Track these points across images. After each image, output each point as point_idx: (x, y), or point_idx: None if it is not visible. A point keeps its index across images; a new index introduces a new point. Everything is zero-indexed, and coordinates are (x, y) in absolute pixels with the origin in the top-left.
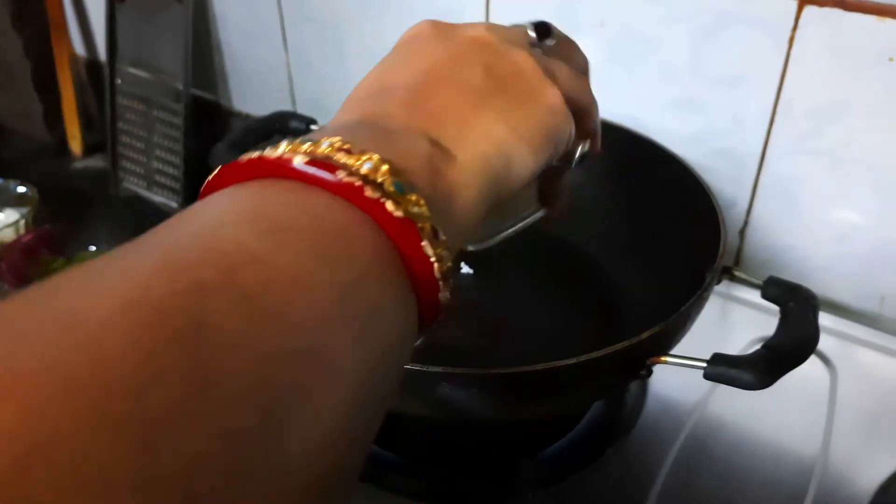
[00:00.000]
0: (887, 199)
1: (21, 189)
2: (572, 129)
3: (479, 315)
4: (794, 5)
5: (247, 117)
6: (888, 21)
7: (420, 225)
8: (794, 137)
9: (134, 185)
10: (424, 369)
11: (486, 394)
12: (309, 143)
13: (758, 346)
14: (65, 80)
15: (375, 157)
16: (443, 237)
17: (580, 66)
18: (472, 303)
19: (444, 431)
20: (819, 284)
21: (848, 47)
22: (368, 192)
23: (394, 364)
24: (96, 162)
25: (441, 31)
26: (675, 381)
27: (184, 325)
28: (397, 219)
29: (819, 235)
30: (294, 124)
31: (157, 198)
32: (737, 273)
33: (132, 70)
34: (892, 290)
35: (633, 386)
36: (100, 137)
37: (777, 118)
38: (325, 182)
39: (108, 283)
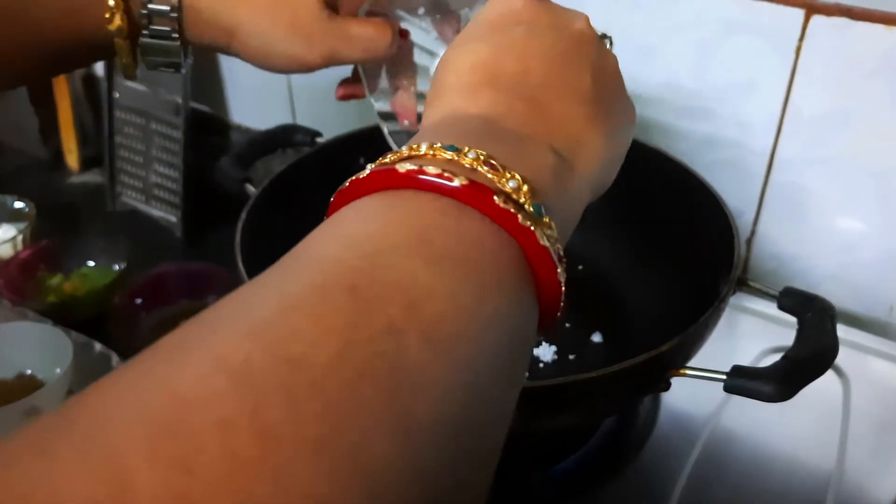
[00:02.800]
0: (894, 208)
1: (18, 204)
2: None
3: None
4: (801, 14)
5: (247, 130)
6: (895, 30)
7: (555, 247)
8: (801, 146)
9: (132, 199)
10: None
11: None
12: (453, 153)
13: (769, 357)
14: (61, 94)
15: (518, 177)
16: (563, 257)
17: None
18: None
19: None
20: (827, 293)
21: (855, 56)
22: (521, 220)
23: (521, 380)
24: (93, 176)
25: (543, 14)
26: (687, 393)
27: (387, 372)
28: (541, 247)
29: (826, 244)
30: (299, 137)
31: (156, 212)
32: (752, 283)
33: (130, 84)
34: None
35: (647, 399)
36: (96, 152)
37: (784, 127)
38: (482, 206)
39: (318, 320)
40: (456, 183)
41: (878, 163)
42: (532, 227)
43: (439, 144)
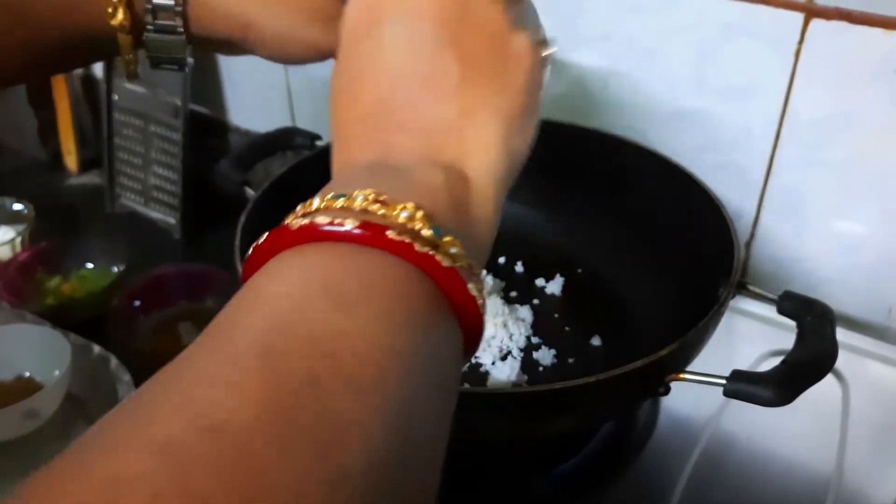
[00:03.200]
0: (893, 211)
1: (17, 206)
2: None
3: None
4: (800, 18)
5: (246, 132)
6: (894, 33)
7: (459, 264)
8: (800, 149)
9: (131, 201)
10: None
11: (504, 412)
12: (343, 199)
13: (768, 361)
14: (60, 95)
15: (410, 205)
16: (476, 269)
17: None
18: None
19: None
20: (826, 297)
21: (854, 60)
22: (418, 247)
23: (453, 403)
24: (92, 178)
25: (388, 5)
26: (686, 397)
27: (311, 423)
28: (445, 268)
29: (826, 247)
30: (299, 140)
31: (155, 214)
32: (751, 287)
33: (129, 86)
34: None
35: (646, 403)
36: (95, 153)
37: (783, 130)
38: (376, 242)
39: (235, 387)
40: (348, 226)
41: (878, 166)
42: (430, 252)
43: (330, 195)
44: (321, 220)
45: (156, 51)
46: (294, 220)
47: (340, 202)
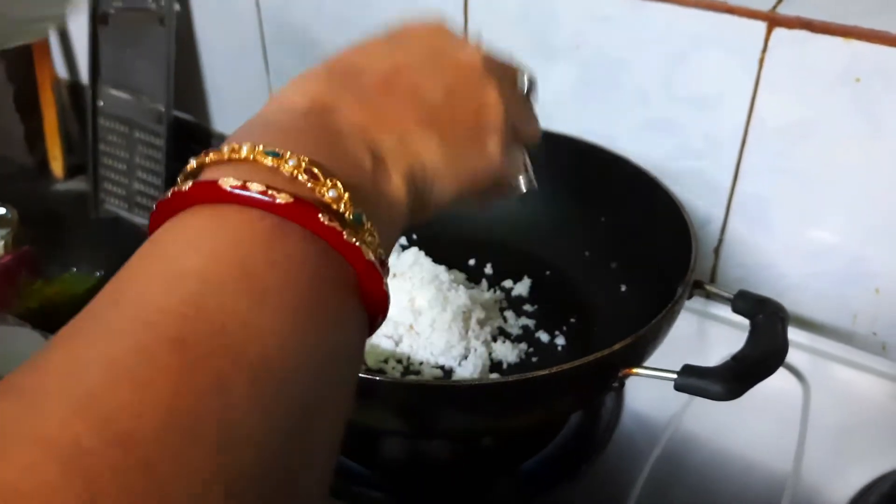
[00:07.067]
0: (858, 217)
1: (0, 210)
2: (506, 183)
3: None
4: (763, 27)
5: None
6: (854, 42)
7: (375, 253)
8: (766, 157)
9: (115, 206)
10: (399, 381)
11: (460, 406)
12: (273, 158)
13: None
14: (47, 102)
15: (339, 185)
16: (384, 258)
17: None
18: None
19: (419, 445)
20: (793, 302)
21: (816, 68)
22: (346, 237)
23: (351, 400)
24: (78, 184)
25: (438, 37)
26: (649, 396)
27: (214, 432)
28: (367, 261)
29: (792, 253)
30: None
31: (139, 219)
32: (708, 287)
33: (114, 92)
34: (865, 308)
35: (609, 401)
36: (81, 159)
37: (749, 138)
38: (305, 222)
39: (143, 388)
40: (280, 201)
41: (841, 173)
42: (357, 243)
43: (261, 147)
44: (255, 187)
45: None
46: (223, 176)
47: (271, 161)
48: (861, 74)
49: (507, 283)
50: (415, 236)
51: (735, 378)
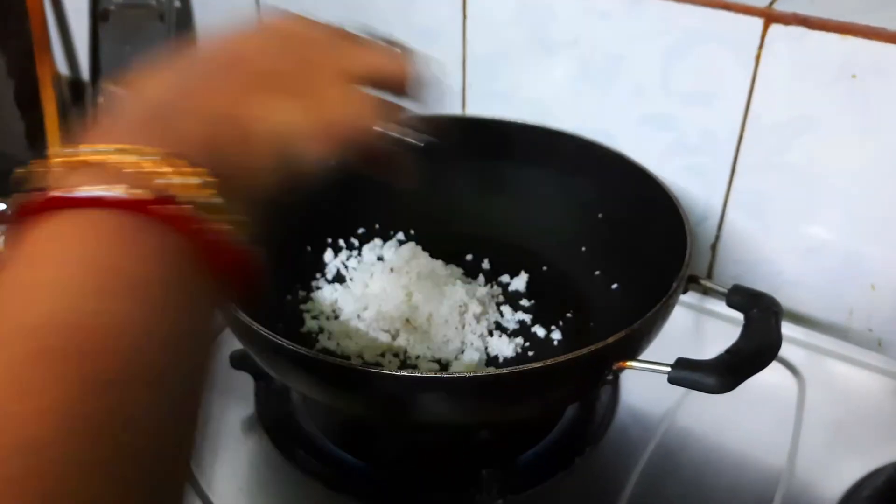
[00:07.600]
0: (854, 213)
1: (1, 206)
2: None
3: None
4: (760, 23)
5: None
6: (850, 39)
7: (229, 223)
8: (762, 153)
9: None
10: (395, 374)
11: (455, 398)
12: (135, 157)
13: None
14: (47, 98)
15: (186, 170)
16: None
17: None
18: None
19: (415, 438)
20: (789, 297)
21: (812, 64)
22: (189, 217)
23: (209, 374)
24: None
25: (282, 24)
26: (645, 390)
27: (109, 431)
28: (234, 250)
29: (789, 249)
30: None
31: None
32: (703, 282)
33: (115, 88)
34: (860, 304)
35: (604, 395)
36: None
37: (746, 133)
38: (148, 213)
39: (36, 397)
40: (120, 195)
41: (837, 170)
42: (203, 223)
43: (103, 146)
44: (92, 189)
45: None
46: (79, 185)
47: (114, 157)
48: (857, 71)
49: (504, 278)
50: (412, 231)
51: (728, 371)
